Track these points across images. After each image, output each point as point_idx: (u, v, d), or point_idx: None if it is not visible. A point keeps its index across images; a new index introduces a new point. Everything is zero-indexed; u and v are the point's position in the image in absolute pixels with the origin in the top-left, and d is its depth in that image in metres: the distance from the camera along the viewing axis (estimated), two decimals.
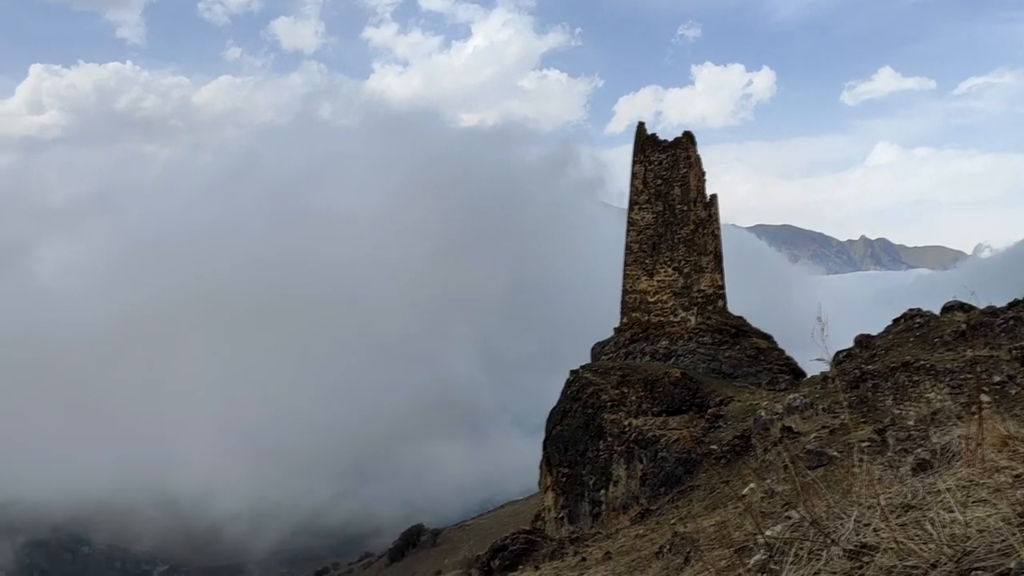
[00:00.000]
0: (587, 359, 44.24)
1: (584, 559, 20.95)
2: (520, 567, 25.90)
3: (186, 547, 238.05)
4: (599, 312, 51.45)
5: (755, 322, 42.56)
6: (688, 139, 44.10)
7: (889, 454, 14.76)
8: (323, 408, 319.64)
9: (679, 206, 43.16)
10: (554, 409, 39.49)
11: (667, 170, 43.71)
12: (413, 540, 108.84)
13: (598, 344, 45.08)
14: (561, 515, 36.53)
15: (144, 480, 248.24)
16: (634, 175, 44.47)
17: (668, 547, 16.14)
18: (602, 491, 34.13)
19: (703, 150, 44.23)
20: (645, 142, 44.56)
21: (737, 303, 43.79)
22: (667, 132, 47.02)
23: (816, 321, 6.35)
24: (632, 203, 44.19)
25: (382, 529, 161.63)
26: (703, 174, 43.98)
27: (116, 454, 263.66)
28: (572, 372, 39.54)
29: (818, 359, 7.81)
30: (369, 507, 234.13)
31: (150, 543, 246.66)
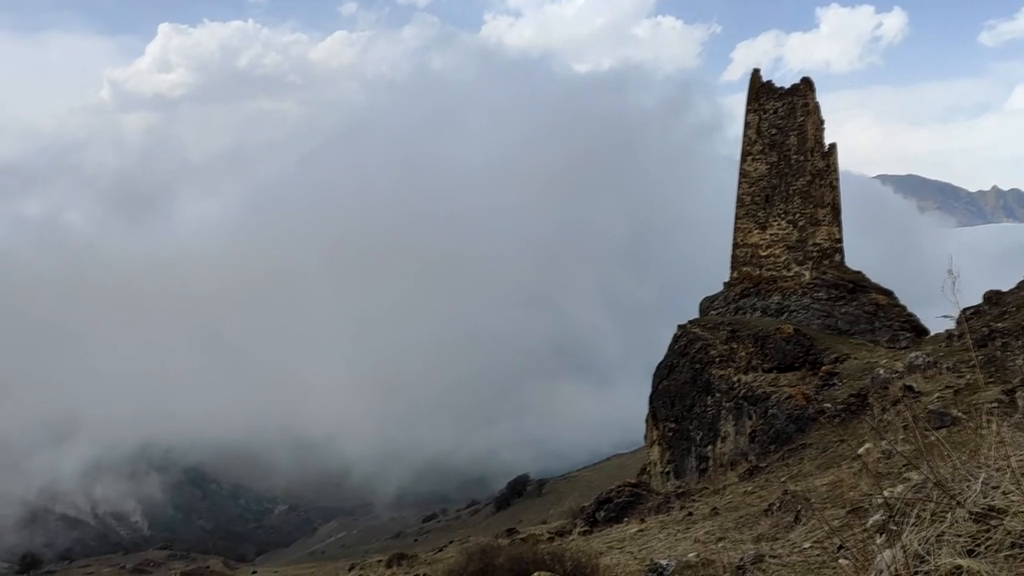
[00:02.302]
0: (697, 313, 43.59)
1: (691, 514, 20.87)
2: (625, 519, 26.02)
3: (307, 488, 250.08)
4: (711, 264, 50.42)
5: (877, 276, 40.68)
6: (806, 85, 42.20)
7: (1018, 416, 14.00)
8: (447, 352, 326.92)
9: (795, 156, 41.53)
10: (661, 364, 39.18)
11: (783, 119, 42.04)
12: (519, 489, 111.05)
13: (707, 299, 44.27)
14: (667, 470, 36.44)
15: (274, 423, 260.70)
16: (747, 124, 42.98)
17: (778, 505, 15.87)
18: (709, 447, 33.81)
19: (823, 97, 42.23)
20: (760, 89, 42.92)
21: (859, 255, 41.99)
22: (787, 79, 45.18)
23: (947, 275, 5.97)
24: (745, 153, 42.79)
25: (511, 470, 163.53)
26: (822, 122, 42.09)
27: (249, 399, 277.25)
28: (679, 327, 39.05)
29: (945, 316, 7.41)
30: (495, 450, 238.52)
31: (272, 483, 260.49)
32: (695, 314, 43.00)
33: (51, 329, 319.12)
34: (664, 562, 11.00)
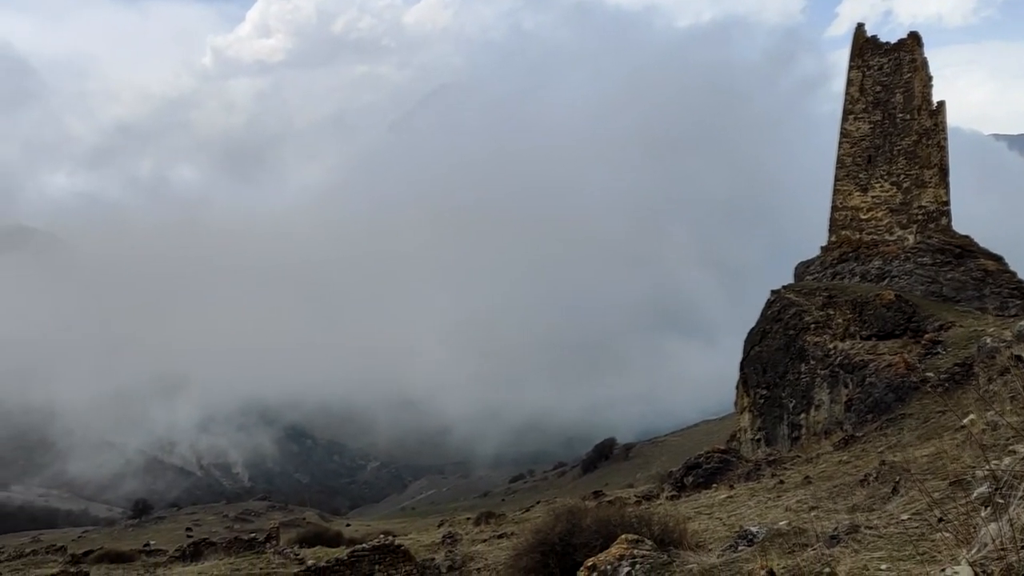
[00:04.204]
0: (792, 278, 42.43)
1: (782, 482, 20.53)
2: (714, 485, 25.82)
3: (400, 446, 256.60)
4: (808, 227, 48.87)
5: (987, 240, 38.63)
6: (913, 40, 40.12)
7: None
8: (546, 310, 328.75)
9: (900, 115, 39.65)
10: (753, 330, 38.39)
11: (888, 76, 40.12)
12: (606, 453, 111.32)
13: (802, 263, 43.01)
14: (757, 437, 35.87)
15: (375, 383, 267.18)
16: (850, 82, 41.20)
17: (874, 475, 15.45)
18: (802, 415, 33.08)
19: (933, 52, 40.19)
20: (864, 45, 41.02)
21: (968, 218, 40.03)
22: (896, 34, 42.94)
23: None
24: (846, 112, 41.08)
25: (616, 428, 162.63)
26: (929, 79, 40.01)
27: (350, 358, 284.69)
28: (773, 292, 38.10)
29: None
30: (599, 407, 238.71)
31: (367, 441, 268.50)
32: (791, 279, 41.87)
33: (164, 286, 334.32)
34: (754, 529, 10.86)
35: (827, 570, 8.35)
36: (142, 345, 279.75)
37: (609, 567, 9.66)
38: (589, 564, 9.86)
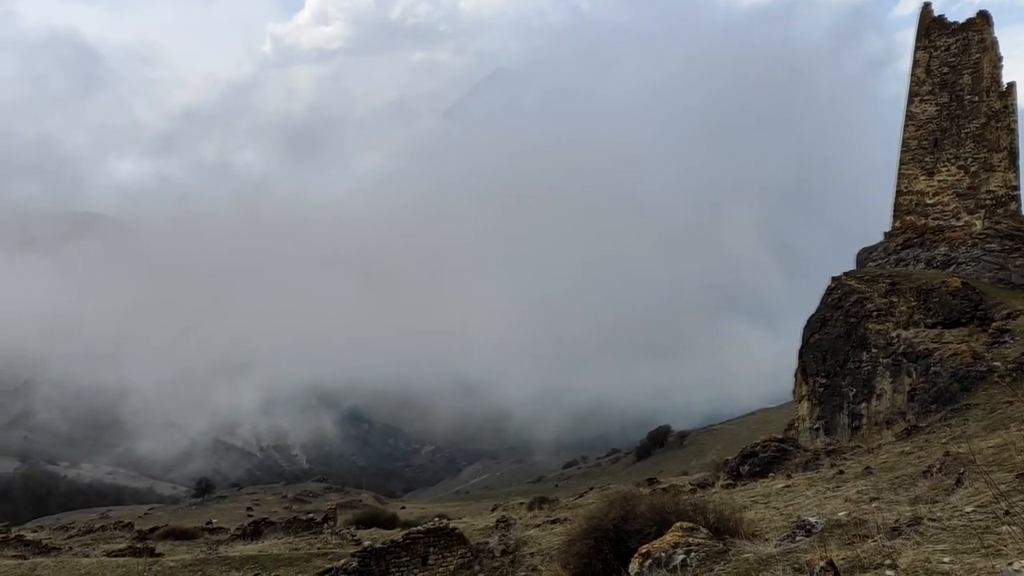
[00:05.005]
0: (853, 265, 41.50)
1: (841, 472, 20.18)
2: (770, 475, 25.47)
3: (455, 431, 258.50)
4: (872, 211, 47.70)
5: None
6: (983, 20, 38.73)
7: None
8: (606, 292, 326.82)
9: (968, 96, 38.38)
10: (812, 317, 37.67)
11: (955, 56, 38.84)
12: (660, 440, 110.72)
13: (864, 249, 42.01)
14: (816, 426, 35.26)
15: (434, 367, 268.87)
16: (916, 63, 40.00)
17: (938, 466, 15.09)
18: (863, 404, 32.41)
19: (1003, 32, 38.85)
20: (931, 24, 39.76)
21: None
22: (965, 13, 41.44)
23: None
24: (912, 94, 39.90)
25: (681, 412, 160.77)
26: (999, 59, 38.63)
27: (409, 342, 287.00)
28: (833, 279, 37.31)
29: None
30: (663, 391, 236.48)
31: (422, 426, 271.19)
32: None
33: (227, 270, 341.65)
34: (812, 519, 10.70)
35: (888, 562, 8.20)
36: (207, 329, 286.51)
37: (663, 554, 9.62)
38: (643, 551, 9.84)
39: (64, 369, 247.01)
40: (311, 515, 36.67)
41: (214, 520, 54.45)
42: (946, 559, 8.15)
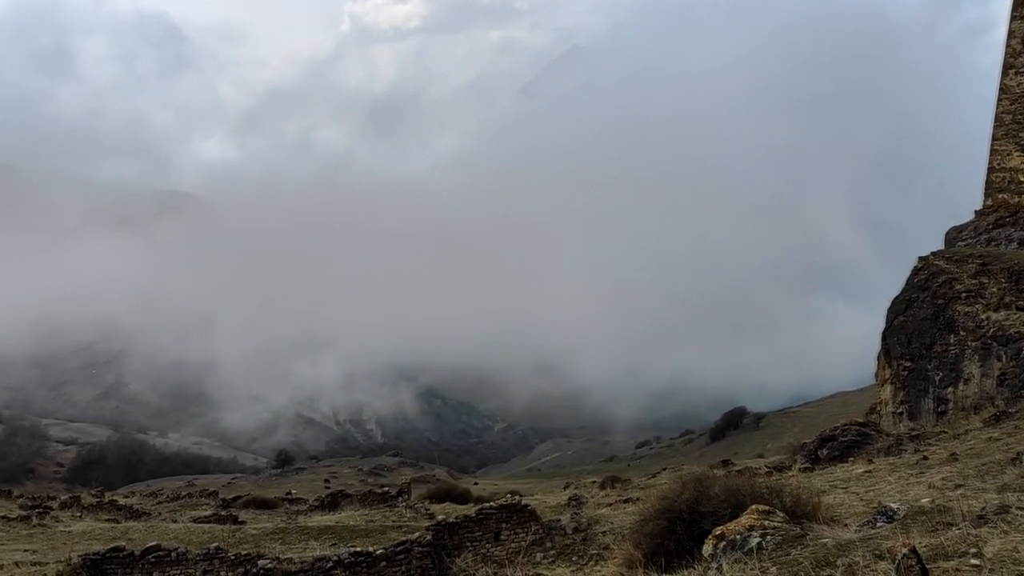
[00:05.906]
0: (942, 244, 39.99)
1: (925, 458, 19.59)
2: (850, 459, 24.87)
3: (527, 409, 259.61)
4: (966, 185, 45.74)
5: None
6: None
7: None
8: (687, 268, 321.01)
9: None
10: (897, 298, 36.47)
11: None
12: (735, 422, 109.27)
13: (953, 228, 40.43)
14: (899, 410, 34.24)
15: (511, 344, 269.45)
16: (1011, 33, 38.08)
17: None
18: (949, 388, 31.32)
19: None
20: None
21: None
22: None
23: None
24: (1006, 66, 38.03)
25: (766, 391, 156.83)
26: None
27: (487, 320, 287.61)
28: (920, 259, 36.01)
29: None
30: (748, 368, 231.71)
31: (495, 403, 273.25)
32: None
33: (308, 247, 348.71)
34: (895, 506, 10.41)
35: (973, 551, 7.93)
36: (289, 304, 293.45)
37: (738, 537, 9.50)
38: (718, 533, 9.73)
39: (153, 343, 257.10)
40: (386, 488, 37.48)
41: (293, 491, 56.21)
42: None
